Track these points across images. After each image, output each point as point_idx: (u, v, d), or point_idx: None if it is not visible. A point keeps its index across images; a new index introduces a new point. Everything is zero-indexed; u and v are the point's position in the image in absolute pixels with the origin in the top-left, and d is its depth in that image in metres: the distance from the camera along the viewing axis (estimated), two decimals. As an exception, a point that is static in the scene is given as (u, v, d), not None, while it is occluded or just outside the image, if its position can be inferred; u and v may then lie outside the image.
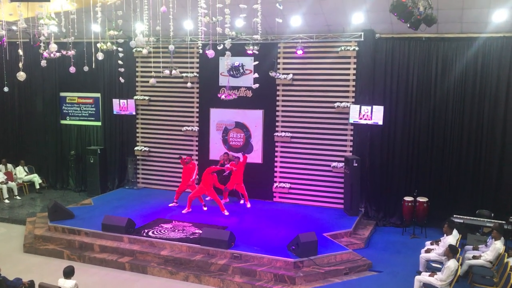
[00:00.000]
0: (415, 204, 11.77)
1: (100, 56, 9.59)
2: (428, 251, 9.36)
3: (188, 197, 12.35)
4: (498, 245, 8.93)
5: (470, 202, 11.90)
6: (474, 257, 9.08)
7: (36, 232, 11.25)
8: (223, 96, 12.09)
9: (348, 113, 12.54)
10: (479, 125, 11.79)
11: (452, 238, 9.10)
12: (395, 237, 11.74)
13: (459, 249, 8.82)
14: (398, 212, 12.46)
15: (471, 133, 11.88)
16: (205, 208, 12.59)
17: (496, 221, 10.57)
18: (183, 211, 12.30)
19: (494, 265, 8.90)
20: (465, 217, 11.20)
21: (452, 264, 7.95)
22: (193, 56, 13.94)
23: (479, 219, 11.12)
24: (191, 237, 10.50)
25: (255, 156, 13.88)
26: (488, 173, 11.82)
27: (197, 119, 14.49)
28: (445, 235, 9.30)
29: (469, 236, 10.53)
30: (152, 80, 10.93)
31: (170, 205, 12.93)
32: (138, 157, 15.23)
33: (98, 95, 15.59)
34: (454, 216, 11.25)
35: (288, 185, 13.58)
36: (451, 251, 8.15)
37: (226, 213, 12.16)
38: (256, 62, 12.56)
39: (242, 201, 13.20)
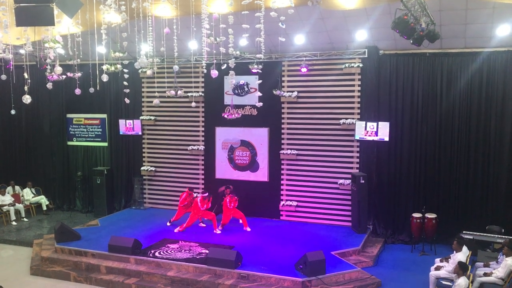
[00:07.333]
0: (423, 220, 11.61)
1: (104, 77, 9.66)
2: (437, 268, 9.21)
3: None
4: (509, 262, 8.74)
5: (480, 218, 11.75)
6: (485, 274, 8.90)
7: (43, 254, 11.22)
8: (225, 115, 12.14)
9: (353, 130, 12.51)
10: (486, 139, 11.70)
11: (462, 255, 8.97)
12: (404, 255, 11.59)
13: (469, 266, 8.67)
14: (407, 229, 12.30)
15: (478, 148, 11.79)
16: (203, 225, 12.81)
17: (506, 237, 10.43)
18: (175, 230, 12.39)
19: (506, 282, 8.71)
20: (475, 233, 11.05)
21: (462, 281, 7.82)
22: (198, 76, 14.04)
23: (489, 235, 10.96)
24: (197, 257, 10.42)
25: (261, 174, 13.85)
26: (497, 188, 11.69)
27: (203, 138, 14.51)
28: (454, 252, 9.18)
29: (479, 252, 10.36)
30: (155, 101, 10.96)
31: (168, 224, 13.07)
32: (144, 177, 15.25)
33: (104, 116, 15.71)
34: (464, 232, 11.10)
35: (294, 203, 13.49)
36: (461, 268, 8.02)
37: (218, 231, 12.23)
38: (260, 81, 12.61)
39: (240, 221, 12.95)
